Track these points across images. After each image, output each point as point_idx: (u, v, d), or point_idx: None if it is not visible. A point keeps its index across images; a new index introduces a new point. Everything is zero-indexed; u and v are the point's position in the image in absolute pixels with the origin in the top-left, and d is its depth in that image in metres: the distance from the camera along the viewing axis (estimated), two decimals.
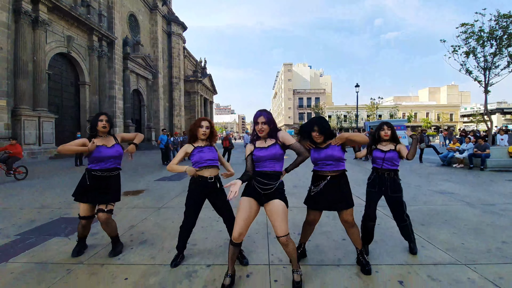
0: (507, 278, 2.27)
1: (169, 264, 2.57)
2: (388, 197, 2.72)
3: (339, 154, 2.37)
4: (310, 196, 2.47)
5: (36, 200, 5.40)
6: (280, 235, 2.04)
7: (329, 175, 2.38)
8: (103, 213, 2.71)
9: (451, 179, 7.26)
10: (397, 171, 2.74)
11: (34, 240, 3.28)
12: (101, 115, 2.82)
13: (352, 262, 2.57)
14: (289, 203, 4.39)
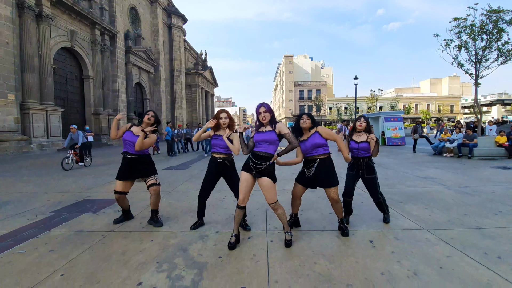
0: (456, 238, 2.83)
1: (184, 231, 3.14)
2: (364, 179, 3.26)
3: (321, 141, 2.88)
4: (303, 176, 3.02)
5: (57, 186, 5.98)
6: (269, 202, 2.69)
7: (318, 158, 2.90)
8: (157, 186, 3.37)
9: (438, 167, 7.80)
10: (371, 157, 3.28)
11: (67, 215, 3.85)
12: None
13: (334, 229, 3.14)
14: (286, 188, 4.96)
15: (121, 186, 3.34)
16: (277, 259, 2.43)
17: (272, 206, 2.68)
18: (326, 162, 2.90)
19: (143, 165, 3.38)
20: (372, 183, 3.24)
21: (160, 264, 2.38)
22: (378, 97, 45.20)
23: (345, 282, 2.05)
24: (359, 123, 3.31)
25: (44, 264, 2.43)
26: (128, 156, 3.35)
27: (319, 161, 2.89)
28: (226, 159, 3.19)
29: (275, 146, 2.73)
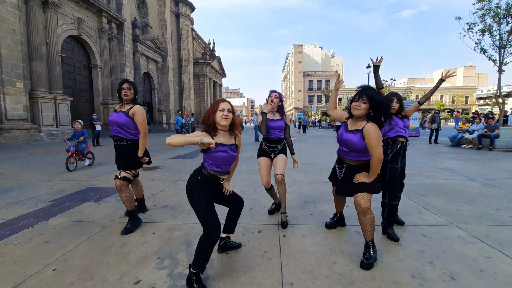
0: (492, 236, 2.51)
1: (190, 222, 2.92)
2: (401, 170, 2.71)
3: (360, 145, 2.03)
4: (334, 174, 2.44)
5: (62, 174, 5.86)
6: (277, 172, 2.82)
7: (347, 163, 2.22)
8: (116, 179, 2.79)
9: (456, 158, 7.36)
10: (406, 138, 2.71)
11: (68, 204, 3.69)
12: (123, 83, 2.97)
13: (353, 223, 2.84)
14: (297, 178, 4.69)
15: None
16: (291, 257, 2.18)
17: (279, 178, 2.78)
18: (360, 170, 2.15)
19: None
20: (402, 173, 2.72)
21: (161, 260, 2.16)
22: (391, 87, 43.84)
23: (370, 286, 1.78)
24: (392, 104, 2.66)
25: (37, 257, 2.25)
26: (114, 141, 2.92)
27: (348, 166, 2.22)
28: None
29: (283, 132, 2.98)
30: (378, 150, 1.95)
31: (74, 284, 1.85)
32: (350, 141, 2.07)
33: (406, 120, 2.73)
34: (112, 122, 2.81)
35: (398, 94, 2.76)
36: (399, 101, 2.71)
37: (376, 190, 2.10)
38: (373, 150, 1.97)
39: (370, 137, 1.95)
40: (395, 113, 2.72)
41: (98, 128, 11.79)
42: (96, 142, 11.96)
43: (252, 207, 3.40)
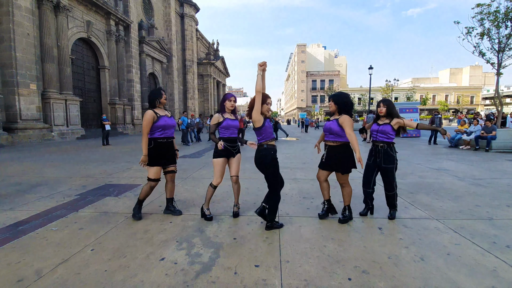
0: (466, 227, 2.88)
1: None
2: (381, 168, 3.11)
3: (335, 128, 2.92)
4: (321, 159, 3.13)
5: (79, 171, 6.33)
6: (235, 174, 3.19)
7: (328, 145, 3.04)
8: (174, 173, 3.40)
9: (452, 159, 7.67)
10: (391, 144, 3.10)
11: (92, 198, 4.13)
12: (161, 89, 3.33)
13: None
14: (298, 177, 5.08)
15: (159, 172, 3.28)
16: (288, 242, 2.58)
17: (233, 179, 3.19)
18: (337, 149, 2.96)
19: (173, 150, 3.40)
20: (388, 174, 3.08)
21: (179, 243, 2.57)
22: (394, 87, 43.91)
23: (353, 264, 2.18)
24: (379, 108, 3.19)
25: (76, 240, 2.68)
26: (170, 140, 3.32)
27: (328, 147, 3.03)
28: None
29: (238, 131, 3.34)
30: (349, 131, 2.78)
31: (110, 260, 2.28)
32: (330, 126, 2.95)
33: (386, 126, 3.10)
34: (169, 126, 3.31)
35: (387, 100, 3.20)
36: (386, 105, 3.16)
37: (348, 170, 2.97)
38: (346, 131, 2.81)
39: (343, 123, 2.84)
40: (384, 115, 3.16)
41: (107, 128, 12.30)
42: (106, 142, 12.47)
43: (256, 201, 3.80)
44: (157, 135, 3.19)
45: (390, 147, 3.10)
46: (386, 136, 3.09)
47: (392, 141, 3.12)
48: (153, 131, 3.18)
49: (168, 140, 3.27)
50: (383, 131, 3.11)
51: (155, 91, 3.29)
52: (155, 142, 3.18)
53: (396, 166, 3.12)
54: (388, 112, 3.15)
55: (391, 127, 3.08)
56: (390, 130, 3.07)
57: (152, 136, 3.18)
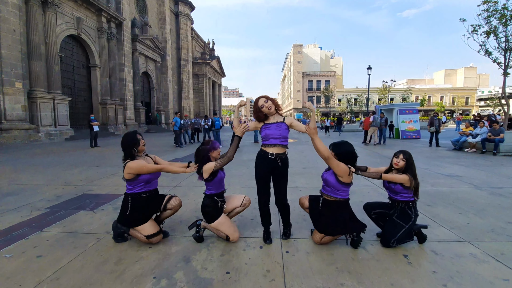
0: (508, 254, 2.39)
1: (188, 235, 2.79)
2: (390, 218, 2.58)
3: (333, 181, 2.44)
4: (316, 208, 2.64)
5: (60, 177, 5.74)
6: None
7: (323, 197, 2.57)
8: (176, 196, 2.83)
9: (460, 163, 7.24)
10: (409, 202, 2.50)
11: (63, 213, 3.56)
12: (137, 134, 2.65)
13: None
14: (299, 185, 4.56)
15: (154, 223, 2.65)
16: (296, 277, 2.06)
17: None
18: (333, 206, 2.50)
19: (159, 195, 2.80)
20: (396, 228, 2.46)
21: (158, 280, 2.03)
22: (391, 88, 43.77)
23: None
24: (396, 159, 2.54)
25: (29, 273, 2.13)
26: (153, 192, 2.75)
27: (323, 201, 2.57)
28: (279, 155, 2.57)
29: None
30: (330, 157, 2.37)
31: None
32: (327, 178, 2.53)
33: (396, 185, 2.52)
34: (155, 177, 2.80)
35: (408, 153, 2.54)
36: (405, 159, 2.51)
37: (343, 233, 2.51)
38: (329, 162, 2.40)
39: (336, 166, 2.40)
40: (403, 170, 2.53)
41: (96, 129, 11.65)
42: (94, 143, 11.82)
43: (253, 217, 3.27)
44: (138, 190, 2.59)
45: (409, 206, 2.51)
46: (400, 196, 2.53)
47: (411, 199, 2.51)
48: (134, 185, 2.58)
49: (151, 193, 2.70)
50: (393, 190, 2.54)
51: (129, 137, 2.60)
52: (134, 199, 2.58)
53: (411, 226, 2.49)
54: (406, 168, 2.51)
55: (401, 186, 2.48)
56: (400, 188, 2.49)
57: (132, 191, 2.58)
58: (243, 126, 2.50)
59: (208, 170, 2.48)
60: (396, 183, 2.48)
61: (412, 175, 2.45)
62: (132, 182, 2.56)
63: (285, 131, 2.54)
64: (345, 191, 2.45)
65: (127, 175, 2.54)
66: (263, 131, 2.58)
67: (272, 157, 2.51)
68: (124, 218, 2.56)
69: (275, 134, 2.52)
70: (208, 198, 2.59)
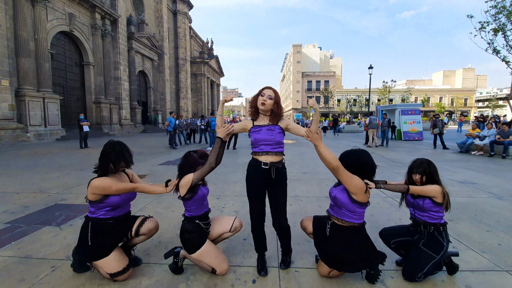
0: None
1: (165, 263, 2.28)
2: (415, 245, 2.07)
3: (344, 200, 1.91)
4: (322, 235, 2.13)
5: (35, 183, 5.21)
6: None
7: (332, 221, 2.03)
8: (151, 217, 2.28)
9: (471, 167, 6.78)
10: (439, 226, 2.02)
11: (24, 229, 3.05)
12: (127, 150, 2.13)
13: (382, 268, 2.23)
14: (299, 193, 4.06)
15: (122, 257, 2.06)
16: None
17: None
18: (344, 232, 1.96)
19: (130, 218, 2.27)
20: (419, 257, 1.99)
21: None
22: (391, 88, 43.42)
23: None
24: (416, 177, 2.07)
25: None
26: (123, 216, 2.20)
27: (332, 225, 2.03)
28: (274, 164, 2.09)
29: None
30: (340, 168, 1.85)
31: None
32: (336, 195, 2.00)
33: (424, 200, 2.03)
34: (128, 200, 2.30)
35: (422, 165, 2.06)
36: (421, 173, 2.05)
37: (356, 270, 2.00)
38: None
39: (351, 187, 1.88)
40: (422, 183, 2.06)
41: (86, 129, 11.10)
42: (84, 144, 11.27)
43: (247, 236, 2.77)
44: (102, 216, 2.05)
45: (439, 230, 2.02)
46: (427, 213, 2.03)
47: (442, 221, 2.04)
48: (97, 208, 2.04)
49: (119, 218, 2.14)
50: (421, 207, 2.04)
51: (115, 149, 2.08)
52: (96, 225, 2.03)
53: (443, 257, 2.00)
54: (430, 180, 2.05)
55: (431, 202, 2.00)
56: (431, 205, 2.00)
57: (94, 215, 2.05)
58: (227, 127, 1.99)
59: (185, 185, 1.97)
60: (426, 197, 1.99)
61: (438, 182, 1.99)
62: (96, 205, 2.03)
63: (278, 135, 2.06)
64: (360, 213, 1.94)
65: (90, 195, 2.01)
66: (251, 135, 2.09)
67: (266, 167, 2.02)
68: (83, 249, 2.03)
69: (266, 139, 2.04)
70: (189, 221, 2.07)
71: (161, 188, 2.11)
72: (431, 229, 2.02)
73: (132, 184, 2.09)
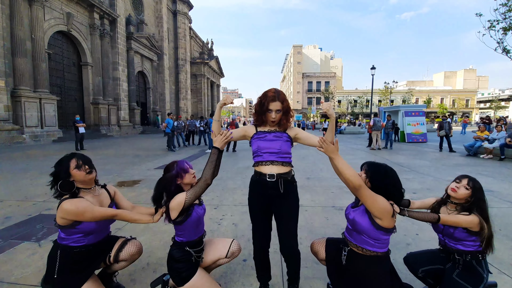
0: None
1: None
2: (448, 277, 1.73)
3: (365, 224, 1.57)
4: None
5: (22, 189, 4.90)
6: None
7: (350, 248, 1.67)
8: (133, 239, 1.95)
9: (483, 172, 6.45)
10: (477, 254, 1.67)
11: (1, 244, 2.74)
12: (74, 158, 1.76)
13: None
14: (304, 202, 3.73)
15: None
16: None
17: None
18: (363, 261, 1.60)
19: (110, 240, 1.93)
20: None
21: None
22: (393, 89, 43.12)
23: None
24: (456, 184, 1.71)
25: None
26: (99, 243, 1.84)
27: (349, 252, 1.67)
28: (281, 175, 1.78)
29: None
30: (362, 188, 1.49)
31: None
32: (355, 219, 1.64)
33: (456, 229, 1.69)
34: (105, 226, 1.96)
35: (474, 180, 1.70)
36: (471, 187, 1.66)
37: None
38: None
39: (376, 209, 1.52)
40: (467, 207, 1.68)
41: (81, 131, 10.80)
42: (80, 146, 10.97)
43: (247, 257, 2.44)
44: (73, 243, 1.70)
45: (477, 259, 1.67)
46: (462, 244, 1.70)
47: (480, 248, 1.67)
48: (69, 234, 1.69)
49: (95, 246, 1.79)
50: (452, 236, 1.70)
51: (61, 162, 1.75)
52: (66, 254, 1.68)
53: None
54: (473, 204, 1.67)
55: (465, 230, 1.65)
56: (464, 234, 1.66)
57: (63, 242, 1.70)
58: (225, 134, 1.68)
59: (177, 207, 1.64)
60: (458, 227, 1.66)
61: (483, 217, 1.64)
62: (66, 230, 1.69)
63: (285, 144, 1.75)
64: (384, 241, 1.58)
65: (60, 220, 1.67)
66: (254, 142, 1.78)
67: (272, 179, 1.70)
68: (51, 280, 1.71)
69: (271, 147, 1.72)
70: (178, 248, 1.74)
71: (147, 218, 1.77)
72: (468, 258, 1.69)
73: (111, 211, 1.73)
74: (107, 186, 1.98)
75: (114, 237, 1.96)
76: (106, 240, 1.88)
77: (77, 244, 1.71)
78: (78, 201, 1.63)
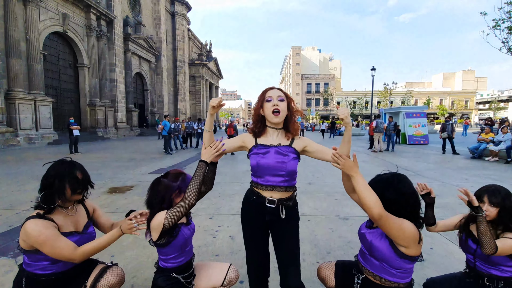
0: None
1: None
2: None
3: (386, 251, 1.30)
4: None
5: (7, 196, 4.62)
6: None
7: (365, 275, 1.41)
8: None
9: (490, 176, 6.23)
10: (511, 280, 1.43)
11: None
12: (76, 170, 1.54)
13: None
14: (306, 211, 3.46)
15: None
16: None
17: None
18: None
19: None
20: None
21: None
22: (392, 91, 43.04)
23: None
24: (487, 207, 1.42)
25: None
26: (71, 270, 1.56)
27: (364, 280, 1.41)
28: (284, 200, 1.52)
29: None
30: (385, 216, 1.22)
31: None
32: (372, 242, 1.37)
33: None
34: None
35: (496, 192, 1.43)
36: (498, 204, 1.40)
37: None
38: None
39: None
40: (497, 222, 1.44)
41: (76, 134, 10.51)
42: (74, 149, 10.69)
43: (243, 279, 2.18)
44: (39, 271, 1.43)
45: (510, 287, 1.43)
46: (497, 268, 1.44)
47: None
48: (34, 260, 1.42)
49: (65, 274, 1.50)
50: (487, 259, 1.44)
51: (59, 172, 1.49)
52: (32, 282, 1.43)
53: None
54: (504, 219, 1.41)
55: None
56: (503, 258, 1.40)
57: (29, 269, 1.44)
58: (216, 146, 1.42)
59: (157, 227, 1.39)
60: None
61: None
62: (31, 255, 1.42)
63: (291, 162, 1.45)
64: (407, 270, 1.32)
65: (22, 242, 1.41)
66: (253, 158, 1.49)
67: (272, 205, 1.43)
68: None
69: (274, 167, 1.43)
70: (162, 275, 1.48)
71: (118, 233, 1.51)
72: (500, 285, 1.44)
73: (72, 252, 1.40)
74: (86, 202, 1.72)
75: (92, 261, 1.69)
76: (81, 266, 1.61)
77: (44, 272, 1.45)
78: (44, 226, 1.36)
